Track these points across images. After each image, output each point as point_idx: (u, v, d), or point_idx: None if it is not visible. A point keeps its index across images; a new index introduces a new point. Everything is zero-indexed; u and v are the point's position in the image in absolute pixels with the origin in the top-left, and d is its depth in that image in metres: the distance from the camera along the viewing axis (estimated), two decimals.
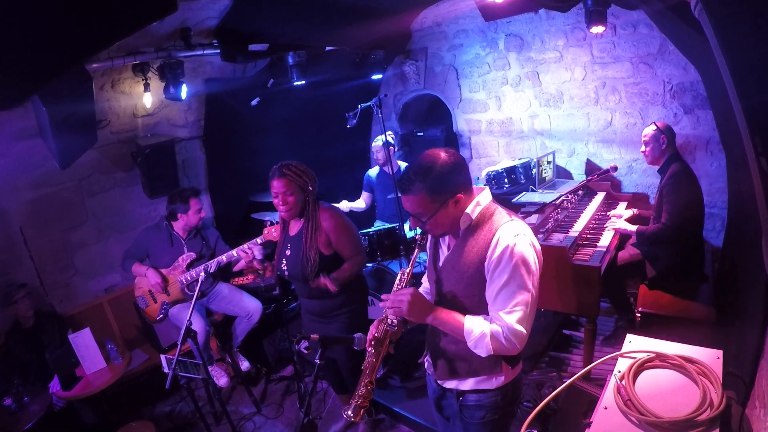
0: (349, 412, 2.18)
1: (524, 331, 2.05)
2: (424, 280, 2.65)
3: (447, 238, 2.35)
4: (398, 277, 2.33)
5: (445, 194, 2.10)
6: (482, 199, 2.21)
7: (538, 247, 2.17)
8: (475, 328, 2.10)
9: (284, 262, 3.54)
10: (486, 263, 2.10)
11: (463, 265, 2.19)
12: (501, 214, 2.19)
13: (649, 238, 4.16)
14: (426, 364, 2.60)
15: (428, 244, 2.52)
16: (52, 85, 3.45)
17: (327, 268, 3.46)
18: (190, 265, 4.67)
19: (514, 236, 2.06)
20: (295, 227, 3.55)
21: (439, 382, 2.46)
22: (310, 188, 3.40)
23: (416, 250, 2.35)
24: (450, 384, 2.40)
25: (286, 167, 3.35)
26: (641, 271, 4.47)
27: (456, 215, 2.17)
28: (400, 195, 2.20)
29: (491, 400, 2.32)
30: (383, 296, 2.23)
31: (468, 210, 2.17)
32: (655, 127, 4.20)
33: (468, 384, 2.33)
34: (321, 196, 3.62)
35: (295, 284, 3.70)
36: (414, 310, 2.14)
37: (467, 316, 2.15)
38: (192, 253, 4.71)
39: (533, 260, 2.09)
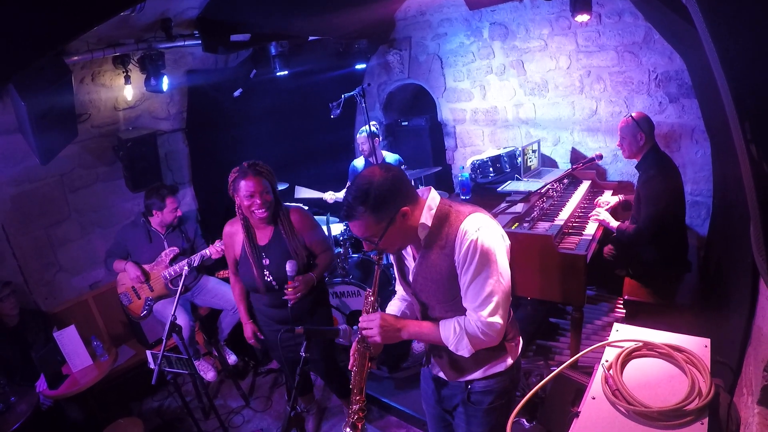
0: (348, 429, 2.20)
1: (500, 322, 2.06)
2: (398, 288, 2.60)
3: (409, 249, 2.32)
4: (364, 300, 2.30)
5: (390, 211, 2.05)
6: (432, 202, 2.17)
7: (501, 231, 2.15)
8: (451, 332, 2.11)
9: (267, 273, 3.44)
10: (456, 265, 2.09)
11: (435, 273, 2.17)
12: (456, 211, 2.15)
13: (628, 238, 4.15)
14: (431, 366, 2.55)
15: (392, 258, 2.49)
16: (30, 78, 3.40)
17: (305, 267, 3.46)
18: (174, 260, 4.63)
19: (475, 230, 2.04)
20: (263, 235, 3.48)
21: (448, 380, 2.43)
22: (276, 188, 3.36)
23: (376, 269, 2.30)
24: (460, 379, 2.38)
25: (258, 165, 3.28)
26: (626, 262, 4.47)
27: (408, 228, 2.12)
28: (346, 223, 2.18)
29: (500, 385, 2.32)
30: (359, 322, 2.22)
31: (423, 220, 2.13)
32: (631, 120, 4.09)
33: (477, 374, 2.32)
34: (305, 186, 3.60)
35: (261, 296, 3.60)
36: (386, 334, 2.16)
37: (440, 322, 2.17)
38: (175, 248, 4.68)
39: (499, 249, 2.08)
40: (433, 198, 2.18)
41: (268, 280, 3.45)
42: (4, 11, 1.67)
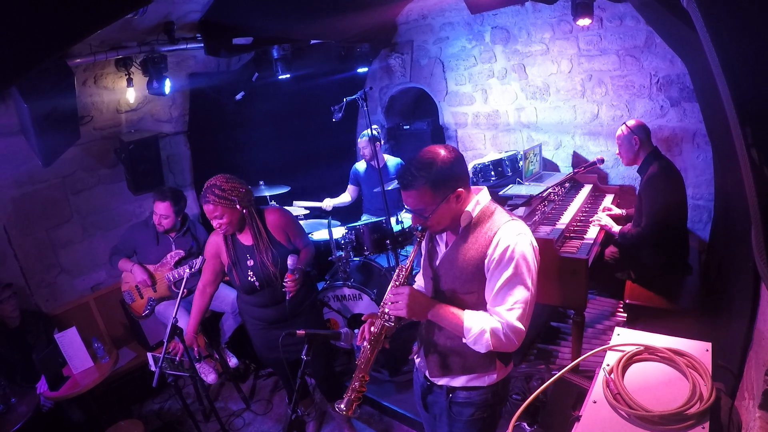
0: (342, 406, 2.18)
1: (523, 328, 2.09)
2: (418, 278, 2.63)
3: (444, 235, 2.36)
4: (396, 273, 2.31)
5: (447, 189, 2.11)
6: (482, 198, 2.24)
7: (536, 246, 2.19)
8: (475, 325, 2.10)
9: (250, 273, 3.52)
10: (486, 261, 2.12)
11: (462, 262, 2.19)
12: (501, 213, 2.21)
13: (630, 240, 4.15)
14: (417, 360, 2.59)
15: (423, 244, 2.50)
16: (32, 80, 3.41)
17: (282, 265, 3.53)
18: (178, 263, 4.63)
19: (515, 235, 2.09)
20: (246, 237, 3.56)
21: (430, 378, 2.45)
22: (238, 206, 3.37)
23: (415, 246, 2.32)
24: (441, 381, 2.39)
25: (210, 191, 3.33)
26: (627, 266, 4.47)
27: (456, 210, 2.18)
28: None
29: (482, 398, 2.33)
30: (386, 298, 2.22)
31: (468, 208, 2.19)
32: (625, 128, 4.17)
33: (460, 381, 2.33)
34: (306, 190, 3.61)
35: (250, 296, 3.67)
36: (414, 308, 2.14)
37: (466, 312, 2.16)
38: (180, 251, 4.67)
39: (533, 259, 2.12)
40: (483, 195, 2.27)
41: (251, 280, 3.51)
42: (7, 15, 1.67)
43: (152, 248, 4.70)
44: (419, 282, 2.62)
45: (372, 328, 2.27)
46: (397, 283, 2.27)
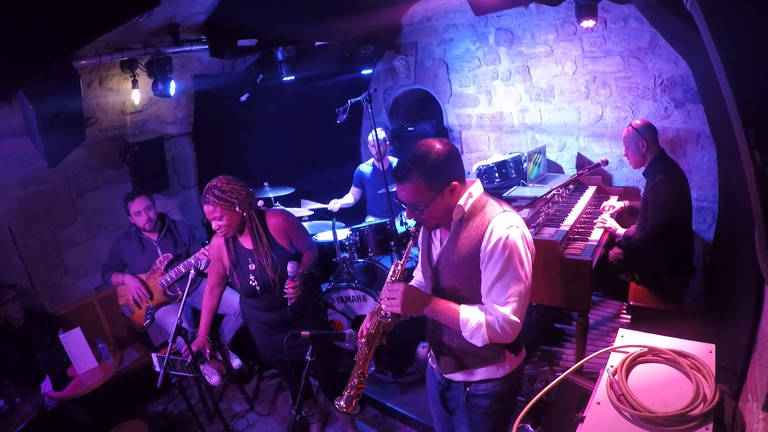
0: (342, 403, 2.19)
1: (518, 320, 2.09)
2: (416, 273, 2.66)
3: (439, 232, 2.36)
4: (391, 270, 2.31)
5: (441, 182, 2.11)
6: (474, 190, 2.23)
7: (530, 237, 2.19)
8: (471, 319, 2.11)
9: (252, 277, 3.51)
10: (480, 255, 2.12)
11: (458, 257, 2.20)
12: (493, 205, 2.21)
13: (634, 244, 4.15)
14: (429, 360, 2.61)
15: (420, 239, 2.51)
16: (38, 82, 3.42)
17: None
18: (169, 266, 4.63)
19: (506, 228, 2.08)
20: (248, 240, 3.54)
21: (446, 376, 2.46)
22: (238, 209, 3.34)
23: (410, 242, 2.34)
24: (458, 377, 2.41)
25: (210, 192, 3.29)
26: (631, 268, 4.46)
27: (451, 205, 2.18)
28: (395, 185, 2.19)
29: (498, 389, 2.34)
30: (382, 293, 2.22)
31: (461, 202, 2.19)
32: (631, 130, 4.14)
33: (476, 375, 2.35)
34: (310, 192, 3.59)
35: (252, 300, 3.66)
36: (408, 305, 2.13)
37: (462, 306, 2.16)
38: (168, 254, 4.67)
39: (526, 251, 2.12)
40: (476, 187, 2.26)
41: (253, 284, 3.50)
42: (16, 19, 1.68)
43: (139, 256, 4.70)
44: (417, 276, 2.64)
45: (369, 326, 2.28)
46: (393, 278, 2.27)
